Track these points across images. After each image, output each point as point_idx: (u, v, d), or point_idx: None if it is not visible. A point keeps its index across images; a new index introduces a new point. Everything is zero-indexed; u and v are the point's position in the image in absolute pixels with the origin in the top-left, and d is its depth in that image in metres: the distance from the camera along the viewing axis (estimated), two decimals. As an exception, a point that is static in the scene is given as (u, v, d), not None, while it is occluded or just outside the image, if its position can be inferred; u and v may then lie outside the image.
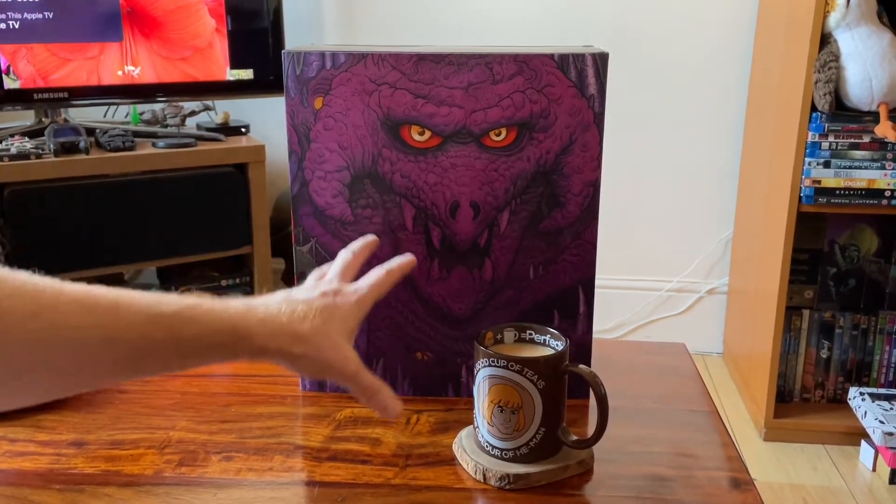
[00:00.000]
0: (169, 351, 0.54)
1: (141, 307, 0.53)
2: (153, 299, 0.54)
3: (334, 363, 0.61)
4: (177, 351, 0.54)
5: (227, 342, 0.56)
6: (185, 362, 0.56)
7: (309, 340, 0.60)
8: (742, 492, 0.67)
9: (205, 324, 0.55)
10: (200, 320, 0.55)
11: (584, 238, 0.77)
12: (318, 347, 0.60)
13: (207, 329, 0.55)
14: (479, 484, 0.68)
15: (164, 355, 0.54)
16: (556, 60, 0.73)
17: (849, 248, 1.95)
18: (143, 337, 0.52)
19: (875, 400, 1.82)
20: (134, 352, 0.52)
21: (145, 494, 0.66)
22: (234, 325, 0.57)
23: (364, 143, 0.76)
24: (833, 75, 1.68)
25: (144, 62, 1.85)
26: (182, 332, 0.54)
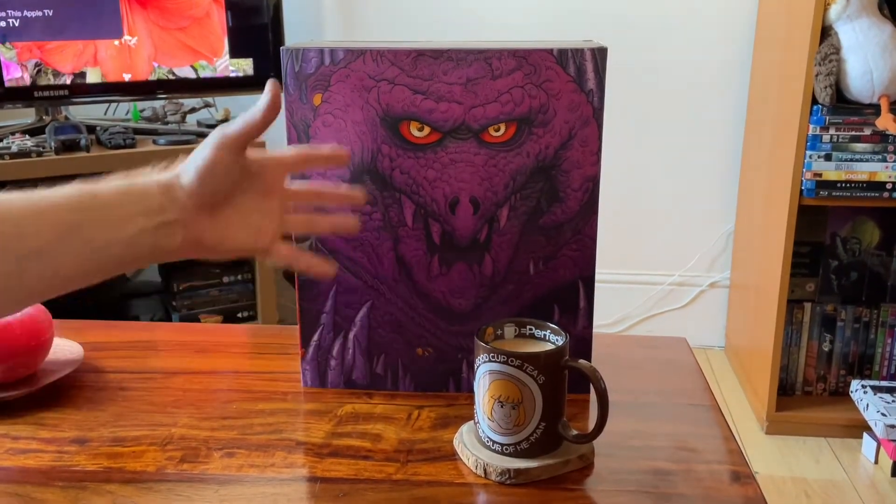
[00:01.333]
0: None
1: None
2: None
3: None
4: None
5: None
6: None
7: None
8: (743, 485, 0.67)
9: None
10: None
11: (583, 233, 0.77)
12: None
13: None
14: (480, 479, 0.68)
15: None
16: (555, 55, 0.73)
17: (850, 240, 1.95)
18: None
19: (877, 392, 1.82)
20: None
21: (147, 491, 0.66)
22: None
23: (363, 139, 0.76)
24: (834, 68, 1.67)
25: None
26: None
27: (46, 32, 1.77)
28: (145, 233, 0.60)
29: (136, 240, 0.59)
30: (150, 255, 0.61)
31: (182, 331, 1.01)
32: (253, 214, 0.65)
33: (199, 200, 0.62)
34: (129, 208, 0.59)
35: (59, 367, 0.84)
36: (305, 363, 0.83)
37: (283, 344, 0.93)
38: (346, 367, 0.82)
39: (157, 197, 0.60)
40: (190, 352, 0.92)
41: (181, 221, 0.61)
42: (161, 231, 0.60)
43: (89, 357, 0.89)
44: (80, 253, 0.58)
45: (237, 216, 0.65)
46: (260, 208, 0.66)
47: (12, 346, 0.79)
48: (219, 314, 2.02)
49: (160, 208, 0.60)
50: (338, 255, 0.79)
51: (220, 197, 0.63)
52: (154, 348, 0.93)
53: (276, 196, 0.67)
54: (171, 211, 0.61)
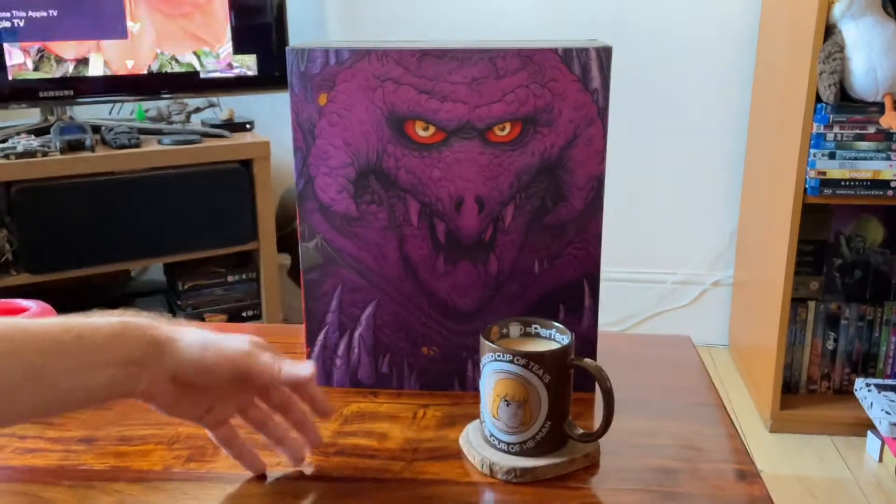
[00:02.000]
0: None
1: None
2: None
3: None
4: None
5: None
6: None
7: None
8: (748, 484, 0.67)
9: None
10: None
11: (588, 232, 0.78)
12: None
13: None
14: (486, 478, 0.68)
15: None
16: (560, 55, 0.73)
17: (854, 239, 1.95)
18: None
19: (881, 391, 1.82)
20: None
21: (154, 490, 0.67)
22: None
23: (368, 138, 0.76)
24: (838, 66, 1.67)
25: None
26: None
27: (51, 32, 1.77)
28: (114, 379, 0.59)
29: (104, 386, 0.59)
30: (109, 399, 0.60)
31: (188, 330, 1.01)
32: (212, 396, 0.65)
33: (176, 383, 0.62)
34: (108, 357, 0.58)
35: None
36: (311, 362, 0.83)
37: (288, 343, 0.93)
38: (352, 367, 0.83)
39: (143, 349, 0.60)
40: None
41: (150, 378, 0.61)
42: (128, 379, 0.59)
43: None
44: (43, 395, 0.57)
45: (197, 394, 0.64)
46: (223, 394, 0.66)
47: (19, 346, 0.79)
48: (223, 313, 2.02)
49: (140, 361, 0.60)
50: (343, 255, 0.79)
51: (198, 390, 0.64)
52: (160, 348, 0.93)
53: (249, 391, 0.67)
54: (146, 370, 0.60)
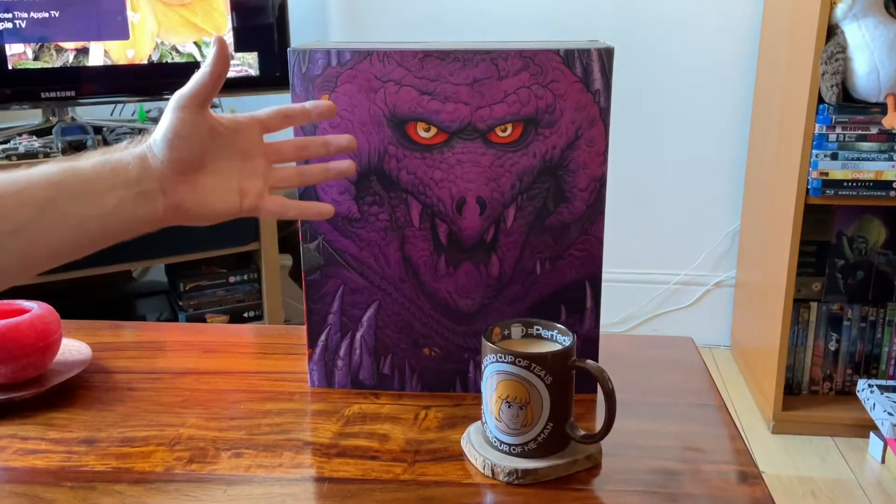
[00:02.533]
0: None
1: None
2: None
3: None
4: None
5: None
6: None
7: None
8: (750, 485, 0.67)
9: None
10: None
11: (590, 233, 0.78)
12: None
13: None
14: (488, 479, 0.68)
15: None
16: (562, 56, 0.73)
17: (856, 239, 1.94)
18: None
19: (884, 392, 1.81)
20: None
21: (156, 491, 0.66)
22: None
23: (370, 140, 0.76)
24: (840, 67, 1.67)
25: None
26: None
27: (53, 33, 1.77)
28: (124, 204, 0.60)
29: (115, 212, 0.60)
30: (131, 227, 0.62)
31: (189, 331, 1.01)
32: (233, 176, 0.65)
33: (174, 166, 0.62)
34: (106, 181, 0.60)
35: (68, 368, 0.84)
36: (312, 363, 0.83)
37: (289, 344, 0.93)
38: (353, 368, 0.83)
39: (133, 168, 0.61)
40: (197, 352, 0.92)
41: (160, 189, 0.62)
42: (140, 201, 0.61)
43: (97, 357, 0.89)
44: (58, 228, 0.58)
45: (217, 179, 0.65)
46: (240, 170, 0.66)
47: (21, 347, 0.79)
48: (225, 314, 2.02)
49: (137, 179, 0.61)
50: (344, 256, 0.79)
51: (195, 159, 0.63)
52: (161, 349, 0.94)
53: (256, 156, 0.67)
54: (148, 180, 0.61)
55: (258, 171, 0.67)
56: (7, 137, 1.79)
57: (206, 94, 0.63)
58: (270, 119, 0.68)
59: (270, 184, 0.67)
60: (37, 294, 0.90)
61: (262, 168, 0.67)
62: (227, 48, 0.64)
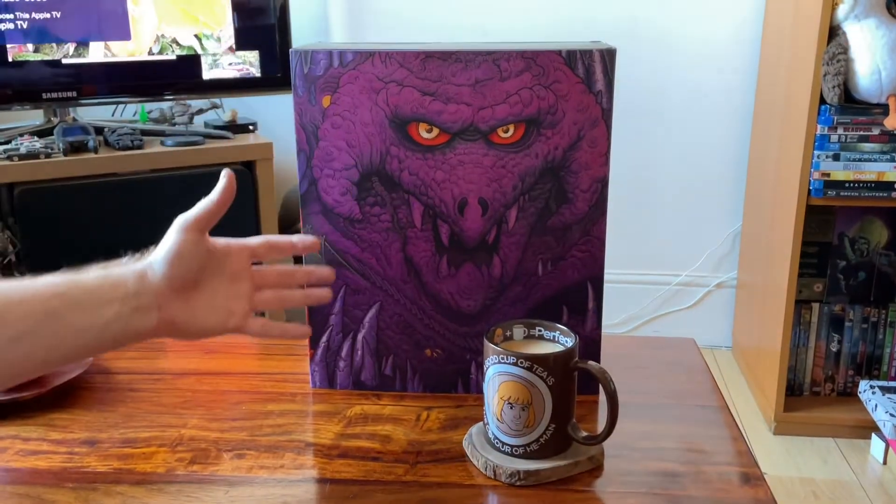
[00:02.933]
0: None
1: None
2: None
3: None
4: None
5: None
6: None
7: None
8: (752, 486, 0.67)
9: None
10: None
11: (592, 234, 0.77)
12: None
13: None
14: (490, 480, 0.68)
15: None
16: (564, 56, 0.73)
17: (858, 240, 1.94)
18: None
19: (886, 393, 1.81)
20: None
21: (157, 492, 0.66)
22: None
23: (372, 140, 0.76)
24: (842, 68, 1.67)
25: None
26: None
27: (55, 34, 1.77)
28: (121, 317, 0.63)
29: (112, 324, 0.62)
30: (125, 338, 0.64)
31: (191, 332, 1.01)
32: (222, 297, 0.69)
33: (172, 283, 0.65)
34: (106, 294, 0.62)
35: (69, 369, 0.84)
36: (314, 364, 0.83)
37: (291, 345, 0.93)
38: (355, 369, 0.83)
39: (132, 283, 0.64)
40: (198, 353, 0.92)
41: (155, 305, 0.65)
42: (136, 315, 0.64)
43: (99, 358, 0.89)
44: (59, 337, 0.61)
45: (207, 299, 0.68)
46: (229, 292, 0.70)
47: (23, 348, 0.79)
48: (226, 315, 2.02)
49: (135, 293, 0.64)
50: (346, 256, 0.79)
51: (191, 278, 0.67)
52: (163, 349, 0.94)
53: (244, 279, 0.71)
54: (145, 296, 0.64)
55: (244, 293, 0.71)
56: (9, 138, 1.79)
57: (209, 221, 0.69)
58: (258, 248, 0.72)
59: (253, 306, 0.72)
60: (38, 295, 0.90)
61: (247, 291, 0.71)
62: (234, 183, 0.71)
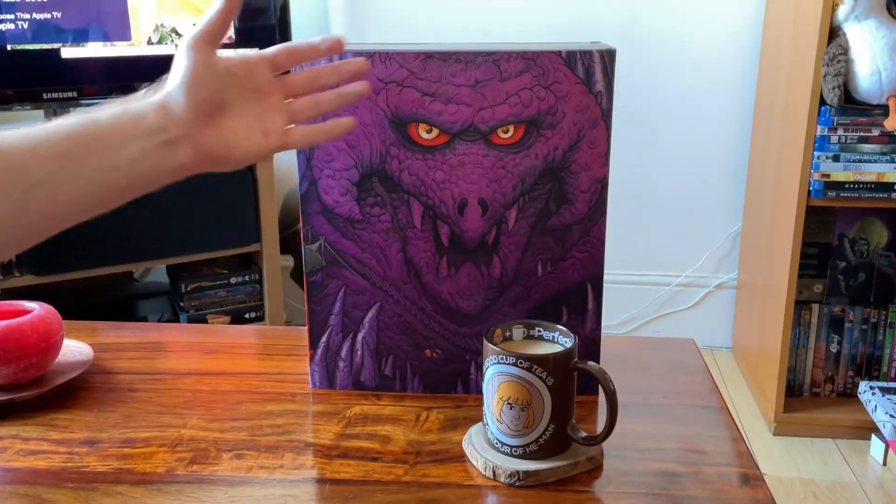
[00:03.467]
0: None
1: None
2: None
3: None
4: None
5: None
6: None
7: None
8: (752, 487, 0.67)
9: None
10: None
11: (592, 235, 0.77)
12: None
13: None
14: (489, 481, 0.68)
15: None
16: (564, 57, 0.73)
17: (858, 241, 1.94)
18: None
19: (885, 394, 1.81)
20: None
21: (157, 492, 0.66)
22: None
23: (372, 141, 0.76)
24: (842, 69, 1.67)
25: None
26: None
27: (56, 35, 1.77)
28: (147, 154, 0.58)
29: (139, 162, 0.58)
30: (157, 177, 0.60)
31: (190, 332, 1.01)
32: (254, 117, 0.64)
33: (197, 109, 0.60)
34: (127, 131, 0.58)
35: (69, 369, 0.84)
36: (314, 364, 0.83)
37: (291, 345, 0.93)
38: (355, 369, 0.83)
39: (154, 117, 0.59)
40: (199, 353, 0.92)
41: (185, 137, 0.60)
42: (165, 150, 0.59)
43: (99, 358, 0.89)
44: (82, 180, 0.57)
45: (240, 122, 0.63)
46: (259, 109, 0.64)
47: (22, 348, 0.79)
48: (226, 315, 2.02)
49: (160, 128, 0.59)
50: (346, 257, 0.79)
51: (216, 100, 0.62)
52: (163, 349, 0.94)
53: (271, 93, 0.65)
54: (172, 128, 0.59)
55: (276, 107, 0.65)
56: (9, 138, 1.79)
57: (217, 33, 0.62)
58: (277, 57, 0.66)
59: (289, 118, 0.66)
60: (38, 295, 0.90)
61: (278, 104, 0.65)
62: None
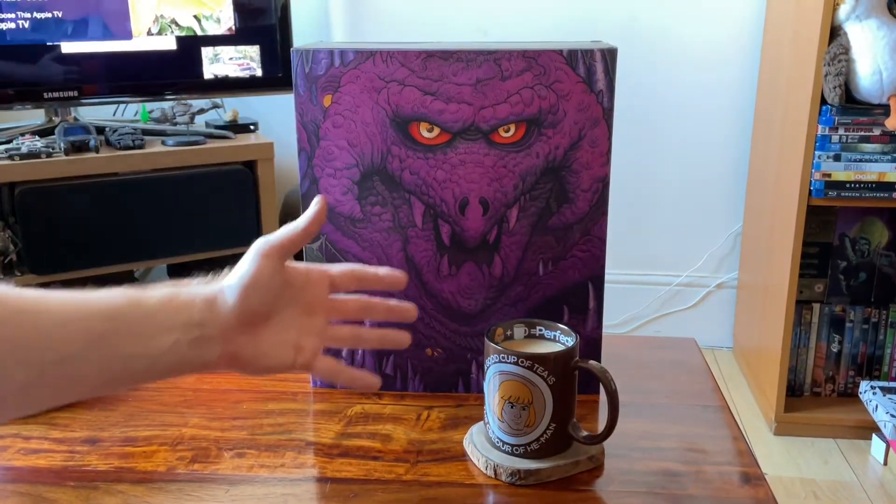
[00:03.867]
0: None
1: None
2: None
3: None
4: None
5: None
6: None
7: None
8: (753, 486, 0.67)
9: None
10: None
11: (593, 234, 0.77)
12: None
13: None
14: (490, 480, 0.68)
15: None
16: (565, 56, 0.73)
17: (859, 241, 1.94)
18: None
19: (886, 394, 1.81)
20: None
21: (158, 491, 0.66)
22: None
23: (373, 140, 0.76)
24: (843, 68, 1.67)
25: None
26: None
27: (56, 33, 1.78)
28: (179, 346, 0.56)
29: (168, 353, 0.56)
30: (181, 369, 0.58)
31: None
32: (293, 331, 0.62)
33: (242, 316, 0.59)
34: (168, 321, 0.56)
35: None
36: (315, 364, 0.83)
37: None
38: (356, 368, 0.82)
39: (199, 311, 0.57)
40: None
41: (220, 337, 0.58)
42: (197, 346, 0.57)
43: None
44: (106, 362, 0.54)
45: (277, 333, 0.61)
46: (301, 325, 0.62)
47: (24, 347, 0.79)
48: (227, 314, 2.02)
49: (200, 322, 0.57)
50: (347, 255, 0.79)
51: (265, 311, 0.60)
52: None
53: (319, 312, 0.64)
54: (211, 326, 0.57)
55: (318, 328, 0.63)
56: (10, 137, 1.79)
57: (293, 248, 0.61)
58: (341, 278, 0.64)
59: (325, 342, 0.64)
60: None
61: (321, 325, 0.63)
62: (326, 210, 0.63)
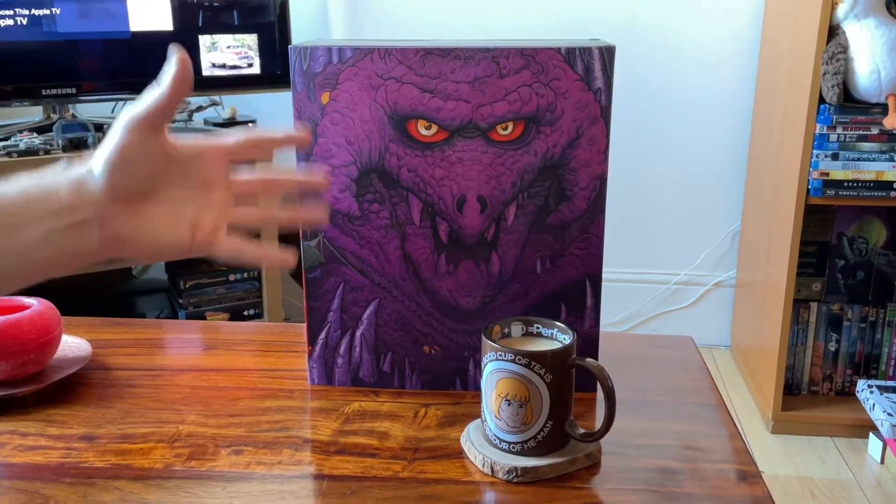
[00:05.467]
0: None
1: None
2: None
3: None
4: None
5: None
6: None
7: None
8: (750, 484, 0.67)
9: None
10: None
11: (591, 232, 0.78)
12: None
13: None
14: (487, 477, 0.68)
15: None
16: (563, 54, 0.73)
17: (857, 240, 1.94)
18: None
19: (883, 392, 1.81)
20: None
21: (155, 488, 0.66)
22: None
23: (371, 137, 0.76)
24: (841, 67, 1.67)
25: None
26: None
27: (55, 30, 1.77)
28: (53, 235, 0.53)
29: (40, 246, 0.53)
30: (59, 263, 0.54)
31: (189, 328, 1.01)
32: (188, 207, 0.57)
33: (115, 193, 0.54)
34: (33, 210, 0.52)
35: (68, 365, 0.84)
36: (312, 361, 0.83)
37: (289, 342, 0.93)
38: (353, 365, 0.83)
39: (66, 194, 0.53)
40: (197, 349, 0.92)
41: (96, 219, 0.54)
42: (72, 233, 0.53)
43: (97, 354, 0.89)
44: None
45: (167, 210, 0.57)
46: (198, 201, 0.58)
47: (21, 344, 0.79)
48: (225, 312, 2.02)
49: (70, 207, 0.53)
50: (345, 253, 0.79)
51: (140, 187, 0.56)
52: (161, 346, 0.94)
53: (219, 187, 0.59)
54: (84, 209, 0.54)
55: (218, 203, 0.59)
56: (8, 134, 1.79)
57: (162, 116, 0.56)
58: (239, 147, 0.60)
59: (230, 220, 0.59)
60: (37, 291, 0.90)
61: (222, 201, 0.59)
62: (189, 67, 0.56)
